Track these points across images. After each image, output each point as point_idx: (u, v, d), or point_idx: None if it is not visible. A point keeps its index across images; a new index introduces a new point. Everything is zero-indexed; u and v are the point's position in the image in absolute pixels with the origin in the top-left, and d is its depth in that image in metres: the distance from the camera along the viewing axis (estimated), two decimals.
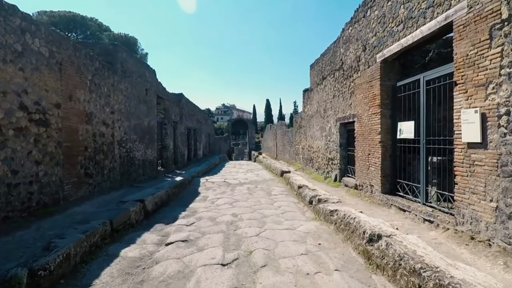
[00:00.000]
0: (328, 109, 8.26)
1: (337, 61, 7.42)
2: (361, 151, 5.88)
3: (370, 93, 5.37)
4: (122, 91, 7.04)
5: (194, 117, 17.78)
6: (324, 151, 8.62)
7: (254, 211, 5.57)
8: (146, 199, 5.25)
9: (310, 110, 10.45)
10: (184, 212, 5.58)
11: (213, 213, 5.47)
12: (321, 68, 8.99)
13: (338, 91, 7.33)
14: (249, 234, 4.18)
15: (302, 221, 4.87)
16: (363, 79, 5.70)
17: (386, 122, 5.01)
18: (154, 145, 9.55)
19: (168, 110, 11.65)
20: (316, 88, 9.66)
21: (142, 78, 8.47)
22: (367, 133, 5.55)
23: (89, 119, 5.58)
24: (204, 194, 7.44)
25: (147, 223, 4.88)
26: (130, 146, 7.57)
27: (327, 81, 8.39)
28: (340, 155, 7.33)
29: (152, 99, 9.45)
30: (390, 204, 4.70)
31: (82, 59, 5.30)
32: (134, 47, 35.57)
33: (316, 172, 9.71)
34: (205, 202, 6.52)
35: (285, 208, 5.80)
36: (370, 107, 5.40)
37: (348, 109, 6.65)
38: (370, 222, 3.58)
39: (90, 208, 4.84)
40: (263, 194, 7.30)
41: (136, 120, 7.99)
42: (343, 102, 6.98)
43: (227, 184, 9.09)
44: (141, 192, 5.96)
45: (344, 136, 7.30)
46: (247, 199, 6.70)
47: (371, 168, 5.42)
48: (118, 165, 6.83)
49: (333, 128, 7.76)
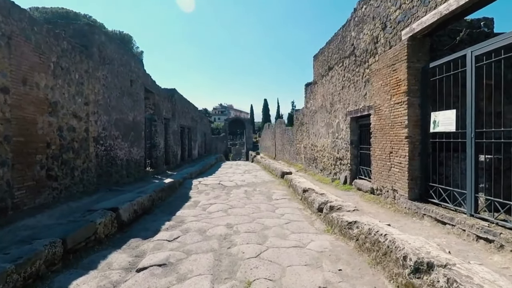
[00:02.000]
0: (335, 102, 7.36)
1: (347, 47, 6.51)
2: (379, 149, 4.98)
3: (393, 78, 4.46)
4: (99, 80, 6.08)
5: (189, 114, 16.81)
6: (331, 150, 7.71)
7: (253, 221, 4.64)
8: (121, 207, 4.29)
9: (314, 105, 9.54)
10: (169, 222, 4.64)
11: (203, 223, 4.54)
12: (327, 57, 8.08)
13: (349, 80, 6.42)
14: (247, 254, 3.25)
15: (312, 234, 3.95)
16: (383, 63, 4.79)
17: (414, 112, 4.10)
18: (141, 143, 8.59)
19: (159, 105, 10.68)
20: (320, 81, 8.75)
21: (126, 67, 7.51)
22: (388, 127, 4.65)
23: (54, 109, 4.61)
24: (195, 198, 6.49)
25: (120, 237, 3.93)
26: (110, 143, 6.61)
27: (334, 71, 7.48)
28: (351, 154, 6.41)
29: (139, 92, 8.49)
30: (422, 214, 3.79)
31: (43, 36, 4.34)
32: (129, 45, 34.64)
33: (320, 174, 8.79)
34: (196, 208, 5.58)
35: (290, 217, 4.88)
36: (392, 95, 4.49)
37: (362, 101, 5.74)
38: (410, 242, 2.66)
39: (48, 219, 3.88)
40: (262, 199, 6.37)
41: (118, 114, 7.02)
42: (355, 93, 6.08)
43: (222, 186, 8.15)
44: (118, 198, 5.01)
45: (356, 133, 6.39)
46: (244, 205, 5.77)
47: (393, 169, 4.51)
48: (94, 166, 5.87)
49: (342, 124, 6.85)
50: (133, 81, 8.04)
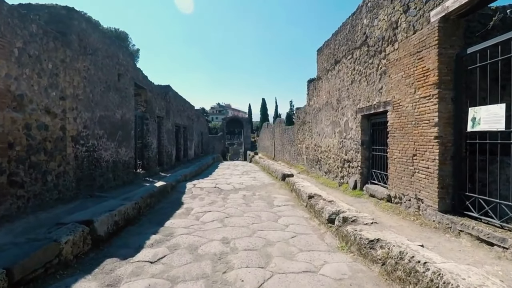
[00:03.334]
0: (343, 98, 6.70)
1: (358, 37, 5.85)
2: (398, 151, 4.33)
3: (418, 68, 3.81)
4: (79, 72, 5.38)
5: (185, 113, 16.10)
6: (338, 151, 7.06)
7: (253, 234, 3.99)
8: (98, 219, 3.61)
9: (318, 103, 8.88)
10: (156, 235, 3.97)
11: (195, 237, 3.88)
12: (333, 50, 7.43)
13: (360, 74, 5.76)
14: (246, 283, 2.59)
15: (324, 253, 3.31)
16: (404, 52, 4.14)
17: (446, 108, 3.45)
18: (130, 143, 7.89)
19: (151, 102, 9.98)
20: (325, 76, 8.09)
21: (112, 59, 6.81)
22: (410, 125, 4.00)
23: (19, 104, 3.92)
24: (188, 205, 5.82)
25: (94, 257, 3.26)
26: (93, 143, 5.92)
27: (341, 65, 6.83)
28: (362, 156, 5.76)
29: (128, 87, 7.79)
30: (457, 231, 3.14)
31: (3, 16, 3.64)
32: (125, 42, 33.83)
33: (325, 176, 8.14)
34: (188, 217, 4.91)
35: (295, 228, 4.23)
36: (417, 88, 3.84)
37: (376, 96, 5.08)
38: (463, 276, 2.00)
39: (3, 237, 3.18)
40: (263, 205, 5.71)
41: (103, 111, 6.33)
42: (368, 87, 5.42)
43: (218, 190, 7.48)
44: (98, 206, 4.32)
45: (367, 132, 5.74)
46: (242, 213, 5.12)
47: (418, 175, 3.86)
48: (73, 169, 5.17)
49: (352, 122, 6.20)
50: (121, 75, 7.34)
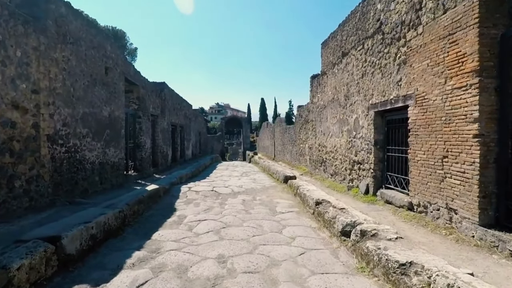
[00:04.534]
0: (352, 94, 6.10)
1: (370, 24, 5.26)
2: (423, 152, 3.73)
3: (451, 54, 3.21)
4: (57, 62, 4.76)
5: (181, 112, 15.47)
6: (346, 152, 6.45)
7: (254, 250, 3.38)
8: (67, 234, 2.99)
9: (322, 100, 8.28)
10: (140, 251, 3.37)
11: (186, 254, 3.27)
12: (340, 42, 6.82)
13: (372, 65, 5.16)
14: None
15: (342, 276, 2.73)
16: (432, 35, 3.53)
17: (488, 100, 2.85)
18: (120, 143, 7.27)
19: (144, 100, 9.35)
20: (331, 70, 7.49)
21: (99, 51, 6.19)
22: (439, 122, 3.40)
23: None
24: (181, 211, 5.21)
25: (59, 282, 2.64)
26: (75, 143, 5.30)
27: (350, 57, 6.23)
28: (375, 157, 5.16)
29: (117, 82, 7.16)
30: (508, 251, 2.54)
31: None
32: (122, 41, 33.15)
33: (331, 179, 7.54)
34: (179, 227, 4.30)
35: (303, 242, 3.63)
36: (449, 77, 3.24)
37: (394, 89, 4.48)
38: None
39: None
40: (264, 212, 5.11)
41: (87, 108, 5.71)
42: (383, 80, 4.82)
43: (215, 194, 6.87)
44: (73, 217, 3.71)
45: (382, 130, 5.13)
46: (242, 222, 4.52)
47: (450, 181, 3.26)
48: (49, 172, 4.55)
49: (362, 120, 5.60)
50: (109, 68, 6.72)
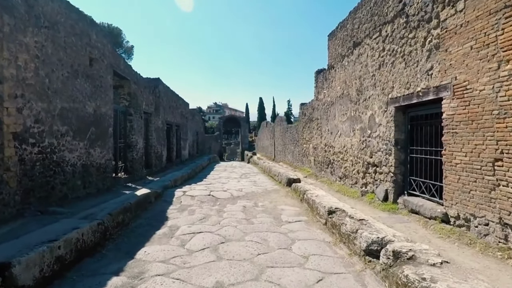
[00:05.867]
0: (367, 88, 5.45)
1: (389, 7, 4.61)
2: (464, 153, 3.08)
3: (507, 31, 2.57)
4: (27, 48, 4.08)
5: (178, 110, 14.77)
6: (358, 152, 5.80)
7: (261, 274, 2.73)
8: (19, 260, 2.30)
9: (329, 96, 7.63)
10: (118, 276, 2.71)
11: (175, 281, 2.61)
12: (351, 31, 6.18)
13: (393, 54, 4.52)
14: None
15: None
16: (478, 11, 2.89)
17: None
18: (107, 143, 6.58)
19: (136, 96, 8.65)
20: (340, 63, 6.84)
21: (82, 39, 5.50)
22: (489, 116, 2.76)
23: None
24: (173, 221, 4.55)
25: None
26: (51, 143, 4.61)
27: (363, 48, 5.58)
28: (395, 158, 4.51)
29: (104, 75, 6.47)
30: None
31: None
32: (118, 39, 32.30)
33: (339, 182, 6.89)
34: (170, 242, 3.64)
35: (319, 263, 2.99)
36: (504, 61, 2.59)
37: (423, 79, 3.83)
38: None
39: None
40: (269, 222, 4.46)
41: (67, 102, 5.02)
42: (407, 70, 4.17)
43: (213, 199, 6.20)
44: (37, 233, 3.04)
45: (403, 128, 4.48)
46: (243, 235, 3.86)
47: (506, 190, 2.61)
48: (17, 177, 3.87)
49: (380, 117, 4.95)
50: (95, 59, 6.02)
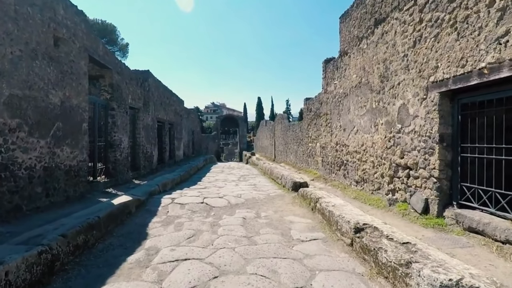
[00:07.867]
0: (395, 72, 4.44)
1: None
2: None
3: None
4: None
5: (171, 107, 13.70)
6: (383, 152, 4.78)
7: None
8: None
9: (342, 87, 6.61)
10: None
11: None
12: (372, 7, 5.16)
13: (437, 25, 3.50)
14: None
15: None
16: None
17: None
18: (80, 141, 5.52)
19: (119, 88, 7.59)
20: (356, 47, 5.82)
21: (42, 11, 4.45)
22: None
23: None
24: (153, 240, 3.49)
25: None
26: None
27: (389, 24, 4.57)
28: (440, 159, 3.49)
29: (76, 60, 5.41)
30: None
31: None
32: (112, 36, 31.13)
33: (356, 187, 5.86)
34: (143, 276, 2.57)
35: None
36: None
37: (491, 51, 2.79)
38: None
39: None
40: (276, 242, 3.40)
41: (19, 89, 3.96)
42: (461, 41, 3.15)
43: (206, 208, 5.16)
44: None
45: (451, 121, 3.47)
46: (244, 264, 2.80)
47: None
48: None
49: (416, 106, 3.92)
50: (62, 40, 4.96)
